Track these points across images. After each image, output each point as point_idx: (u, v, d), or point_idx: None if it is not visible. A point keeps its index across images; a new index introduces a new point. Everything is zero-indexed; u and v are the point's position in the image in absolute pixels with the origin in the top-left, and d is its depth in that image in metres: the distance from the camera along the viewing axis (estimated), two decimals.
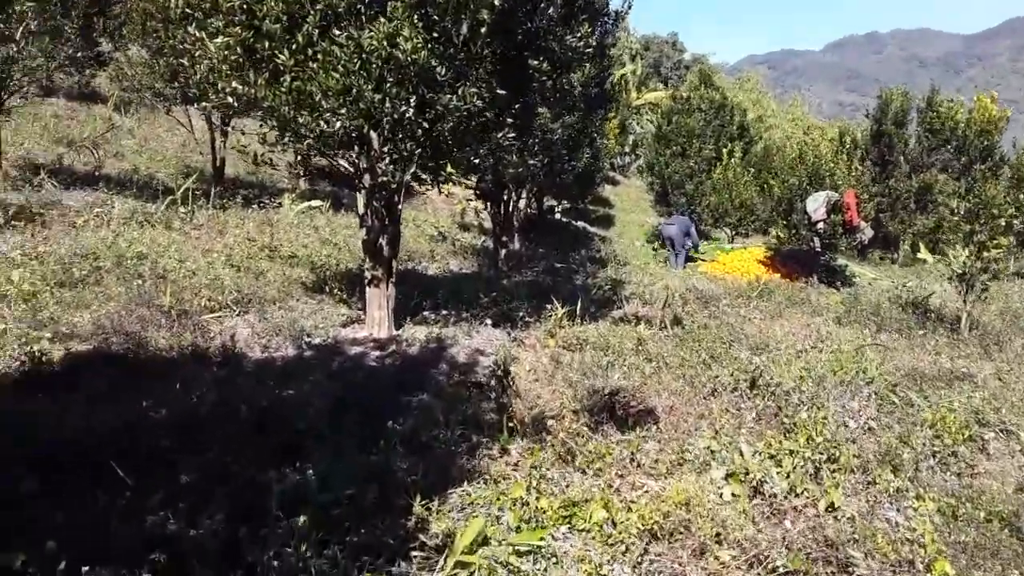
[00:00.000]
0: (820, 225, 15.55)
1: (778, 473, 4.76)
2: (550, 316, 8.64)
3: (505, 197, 13.19)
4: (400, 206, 7.59)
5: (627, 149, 43.27)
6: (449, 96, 6.29)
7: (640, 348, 7.89)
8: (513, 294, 10.20)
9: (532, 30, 7.04)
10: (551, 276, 13.08)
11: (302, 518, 3.58)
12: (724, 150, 24.10)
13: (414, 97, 6.36)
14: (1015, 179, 10.16)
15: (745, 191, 22.35)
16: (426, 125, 6.46)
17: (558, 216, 24.73)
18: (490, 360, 7.09)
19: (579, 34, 7.30)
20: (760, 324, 9.89)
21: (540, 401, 6.10)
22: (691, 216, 20.96)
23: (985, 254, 10.11)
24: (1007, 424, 6.01)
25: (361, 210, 7.54)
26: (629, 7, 12.68)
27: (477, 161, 7.06)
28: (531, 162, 11.54)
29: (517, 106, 7.12)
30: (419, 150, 6.88)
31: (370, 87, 6.07)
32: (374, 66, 6.04)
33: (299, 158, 6.56)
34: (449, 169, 6.55)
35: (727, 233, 23.84)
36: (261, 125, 6.86)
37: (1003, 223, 10.10)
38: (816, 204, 15.54)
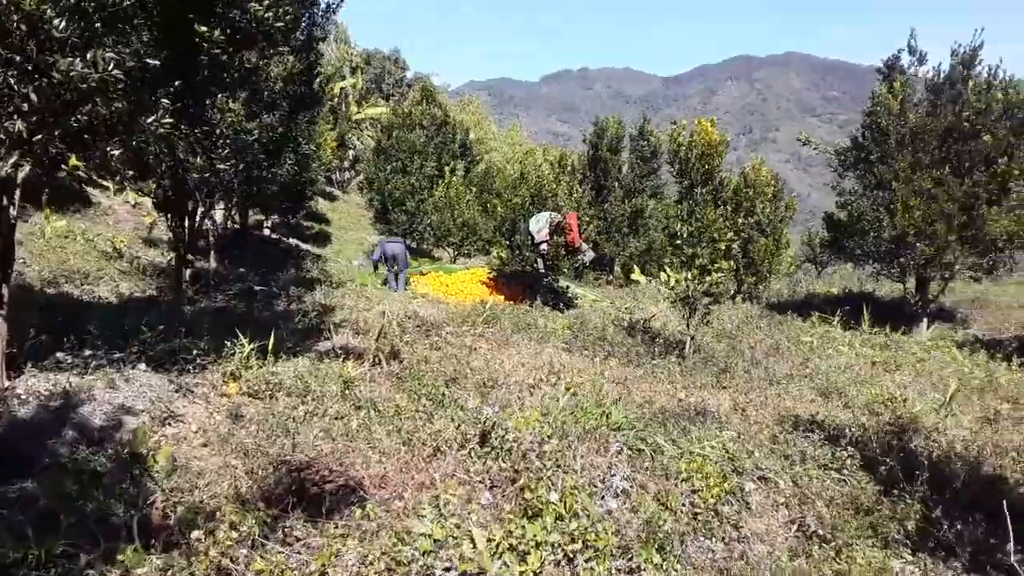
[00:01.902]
0: (543, 246, 15.16)
1: (522, 573, 3.60)
2: (234, 353, 6.94)
3: (191, 207, 11.08)
4: (14, 210, 5.51)
5: (347, 164, 41.64)
6: (70, 60, 4.47)
7: (347, 392, 6.49)
8: (192, 325, 8.31)
9: None
10: (246, 301, 11.21)
11: None
12: (446, 168, 23.47)
13: (18, 57, 4.46)
14: (733, 203, 10.23)
15: (468, 210, 21.84)
16: (34, 98, 4.57)
17: (267, 232, 22.55)
18: (140, 420, 5.29)
19: (267, 1, 5.73)
20: (487, 354, 8.89)
21: (201, 482, 4.46)
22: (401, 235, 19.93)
23: (707, 278, 9.96)
24: (764, 470, 5.39)
25: None
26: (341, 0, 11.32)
27: (117, 153, 5.22)
28: (221, 167, 9.69)
29: (179, 83, 5.40)
30: (36, 134, 4.96)
31: None
32: None
33: None
34: (73, 161, 4.68)
35: (450, 253, 23.17)
36: None
37: (723, 247, 10.02)
38: (539, 225, 15.15)
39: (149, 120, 5.04)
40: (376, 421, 5.81)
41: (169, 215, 10.70)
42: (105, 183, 10.57)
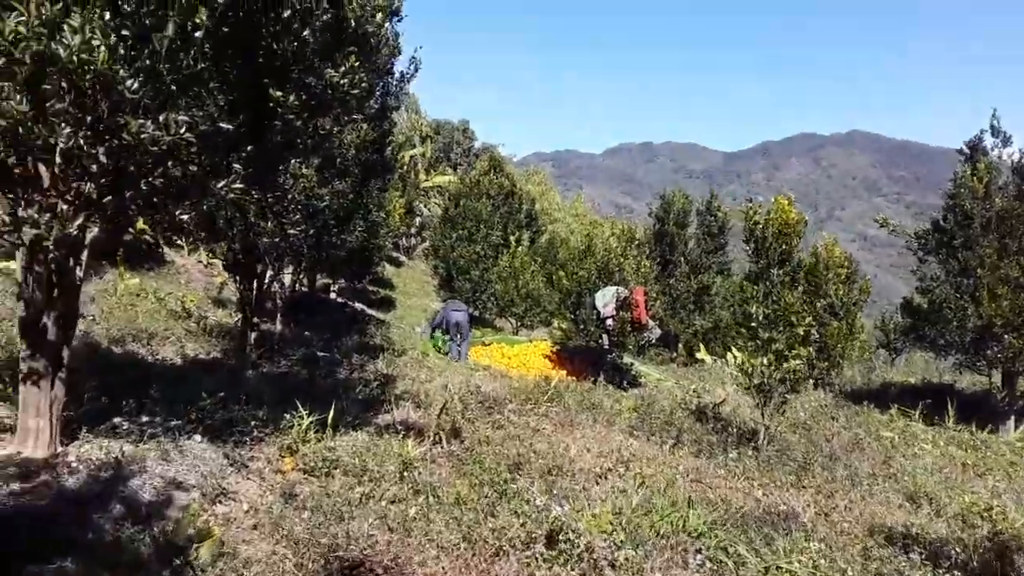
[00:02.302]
0: (609, 321, 14.73)
1: None
2: (293, 425, 6.67)
3: (261, 270, 11.07)
4: (80, 271, 5.40)
5: (413, 231, 42.18)
6: (141, 121, 4.35)
7: (406, 474, 6.14)
8: (253, 392, 8.11)
9: (279, 53, 5.29)
10: (309, 367, 11.03)
11: None
12: (512, 237, 23.37)
13: (89, 117, 4.38)
14: (812, 285, 9.67)
15: (532, 281, 21.62)
16: (104, 160, 4.46)
17: (333, 296, 22.66)
18: (190, 497, 5.02)
19: (343, 68, 5.62)
20: (552, 437, 8.47)
21: (248, 574, 4.13)
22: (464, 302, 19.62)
23: (785, 364, 9.41)
24: None
25: (19, 275, 5.31)
26: (416, 69, 11.41)
27: (186, 217, 5.08)
28: (291, 232, 9.67)
29: (251, 148, 5.27)
30: (107, 196, 4.88)
31: (16, 96, 4.03)
32: (25, 65, 4.03)
33: None
34: (140, 225, 4.54)
35: (512, 324, 22.89)
36: None
37: (801, 332, 9.48)
38: (605, 299, 14.74)
39: (220, 185, 4.90)
40: (435, 509, 5.43)
41: (238, 277, 10.70)
42: (179, 243, 10.67)
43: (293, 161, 8.26)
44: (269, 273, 11.28)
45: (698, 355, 21.53)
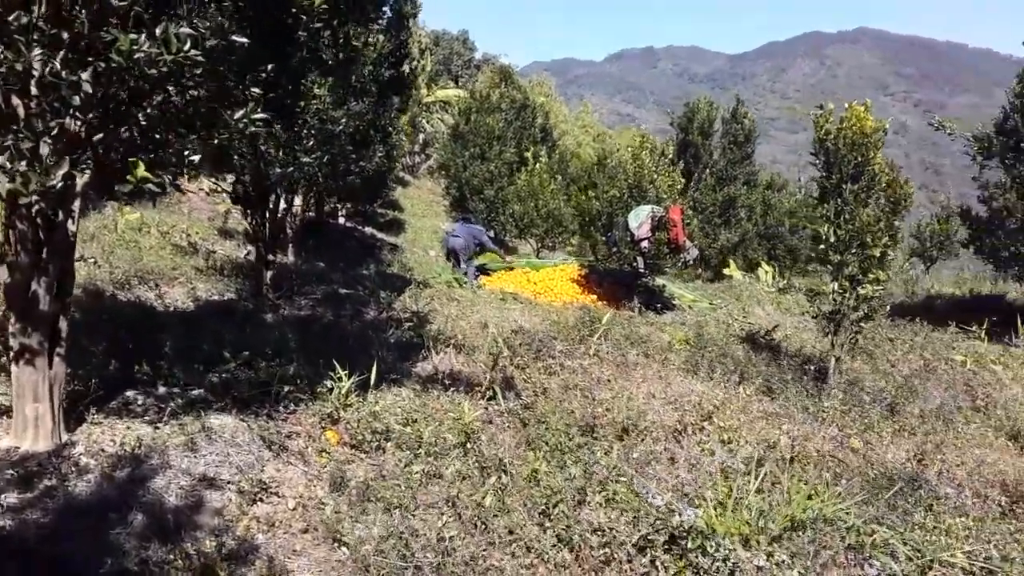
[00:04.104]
0: (644, 243, 13.69)
1: None
2: (331, 389, 5.80)
3: (272, 202, 10.03)
4: (73, 224, 4.43)
5: (417, 148, 40.75)
6: (133, 37, 3.31)
7: (469, 446, 5.30)
8: (278, 344, 7.22)
9: None
10: (334, 307, 10.13)
11: None
12: (527, 153, 22.15)
13: (66, 35, 3.34)
14: (890, 201, 8.66)
15: (552, 200, 20.52)
16: (88, 88, 3.44)
17: (342, 221, 21.65)
18: (225, 497, 4.17)
19: None
20: (611, 382, 7.61)
21: None
22: (482, 223, 18.48)
23: (860, 291, 8.51)
24: None
25: None
26: None
27: (196, 158, 4.07)
28: (304, 160, 8.61)
29: (271, 67, 4.22)
30: (94, 134, 3.88)
31: None
32: None
33: None
34: (140, 172, 3.55)
35: (533, 245, 21.92)
36: None
37: (877, 254, 8.55)
38: (640, 219, 13.66)
39: (237, 115, 3.87)
40: (510, 492, 4.59)
41: (248, 211, 9.71)
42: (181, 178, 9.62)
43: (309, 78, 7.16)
44: (283, 206, 10.26)
45: (727, 271, 20.65)
